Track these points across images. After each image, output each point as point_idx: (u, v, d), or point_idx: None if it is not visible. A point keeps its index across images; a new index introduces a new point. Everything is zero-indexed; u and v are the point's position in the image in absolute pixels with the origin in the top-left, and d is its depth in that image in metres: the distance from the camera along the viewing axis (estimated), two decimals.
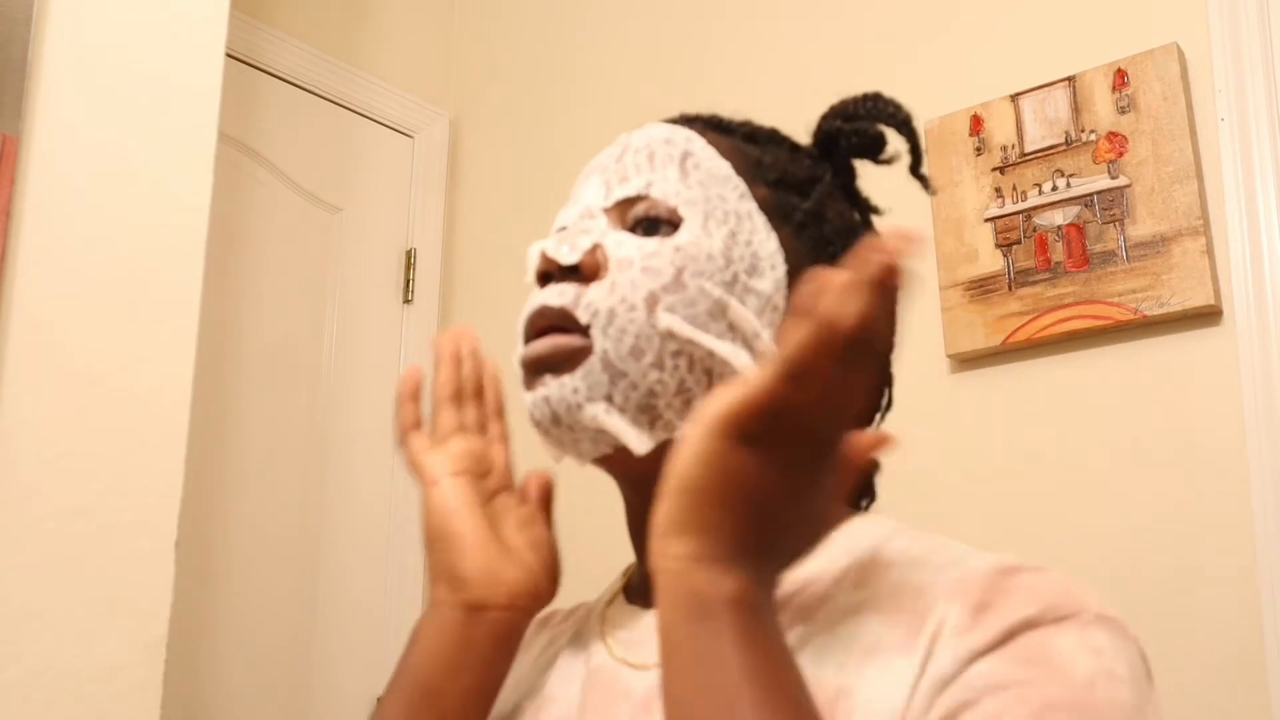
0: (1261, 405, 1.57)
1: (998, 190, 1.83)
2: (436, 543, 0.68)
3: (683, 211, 0.65)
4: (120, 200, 1.54)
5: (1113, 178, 1.74)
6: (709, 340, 0.63)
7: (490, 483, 0.71)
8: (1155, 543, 1.62)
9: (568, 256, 0.64)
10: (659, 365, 0.62)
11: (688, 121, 0.71)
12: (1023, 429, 1.77)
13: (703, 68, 2.26)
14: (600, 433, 0.63)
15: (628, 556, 0.74)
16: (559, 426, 0.64)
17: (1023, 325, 1.77)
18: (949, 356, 1.85)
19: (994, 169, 1.84)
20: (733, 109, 0.76)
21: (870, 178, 0.80)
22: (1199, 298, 1.63)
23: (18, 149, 1.45)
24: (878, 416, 0.74)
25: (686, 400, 0.63)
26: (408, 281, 2.52)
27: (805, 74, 2.09)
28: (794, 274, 0.67)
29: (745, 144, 0.70)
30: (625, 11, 2.46)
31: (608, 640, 0.68)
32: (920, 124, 2.03)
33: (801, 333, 0.48)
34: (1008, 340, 1.78)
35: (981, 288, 1.82)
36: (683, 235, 0.64)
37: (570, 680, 0.67)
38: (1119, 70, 1.76)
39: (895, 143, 0.73)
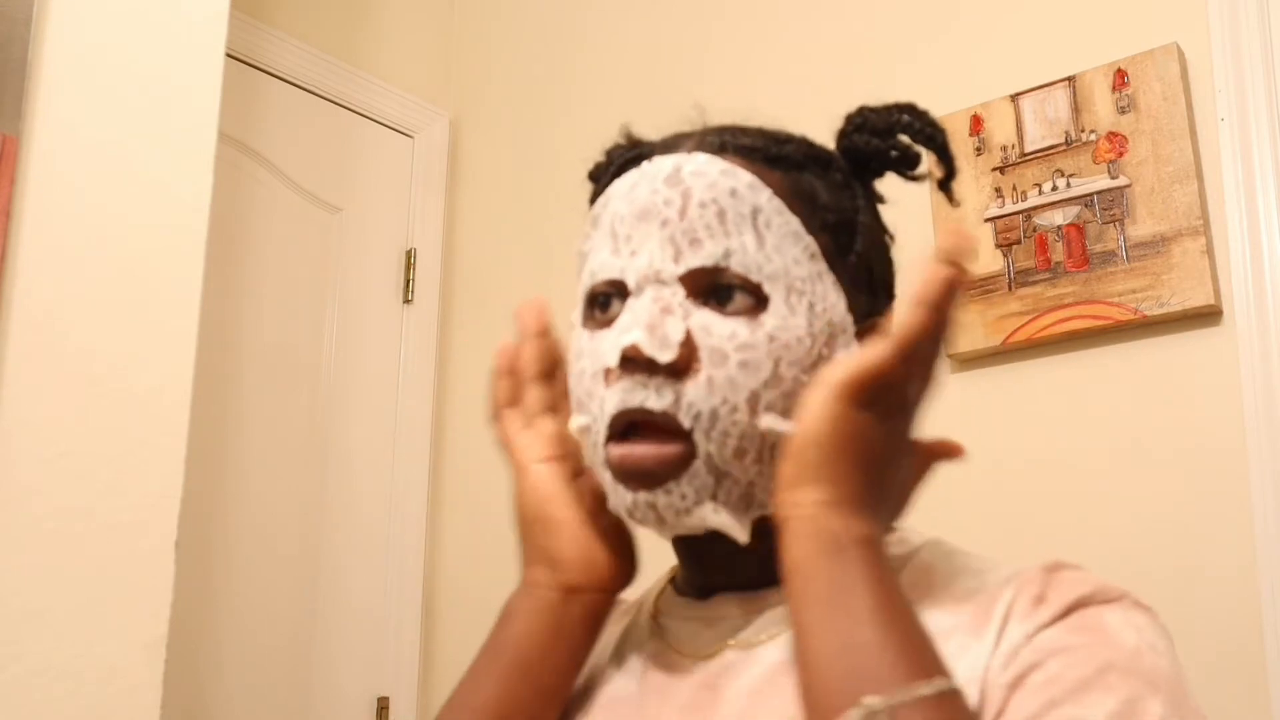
0: (1261, 405, 1.57)
1: (998, 190, 1.83)
2: (534, 525, 0.69)
3: (767, 288, 0.63)
4: (120, 200, 1.54)
5: (1113, 178, 1.74)
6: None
7: (573, 464, 0.70)
8: (1155, 543, 1.62)
9: (664, 354, 0.61)
10: (759, 460, 0.63)
11: (737, 150, 0.68)
12: (1023, 429, 1.77)
13: (703, 67, 2.26)
14: (703, 525, 0.64)
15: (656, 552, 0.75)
16: (663, 525, 0.64)
17: (1023, 325, 1.77)
18: (949, 356, 1.85)
19: (994, 169, 1.84)
20: (733, 109, 0.76)
21: None
22: (1199, 298, 1.63)
23: (18, 149, 1.45)
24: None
25: (772, 481, 0.63)
26: (408, 281, 2.52)
27: (805, 74, 2.09)
28: (855, 312, 0.68)
29: (797, 175, 0.68)
30: (625, 11, 2.46)
31: (664, 633, 0.71)
32: None
33: (915, 317, 0.58)
34: (1008, 340, 1.78)
35: (981, 288, 1.82)
36: (771, 319, 0.63)
37: (626, 672, 0.70)
38: (1119, 70, 1.76)
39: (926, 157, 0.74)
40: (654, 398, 0.61)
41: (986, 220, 1.83)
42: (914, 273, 0.59)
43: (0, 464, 1.39)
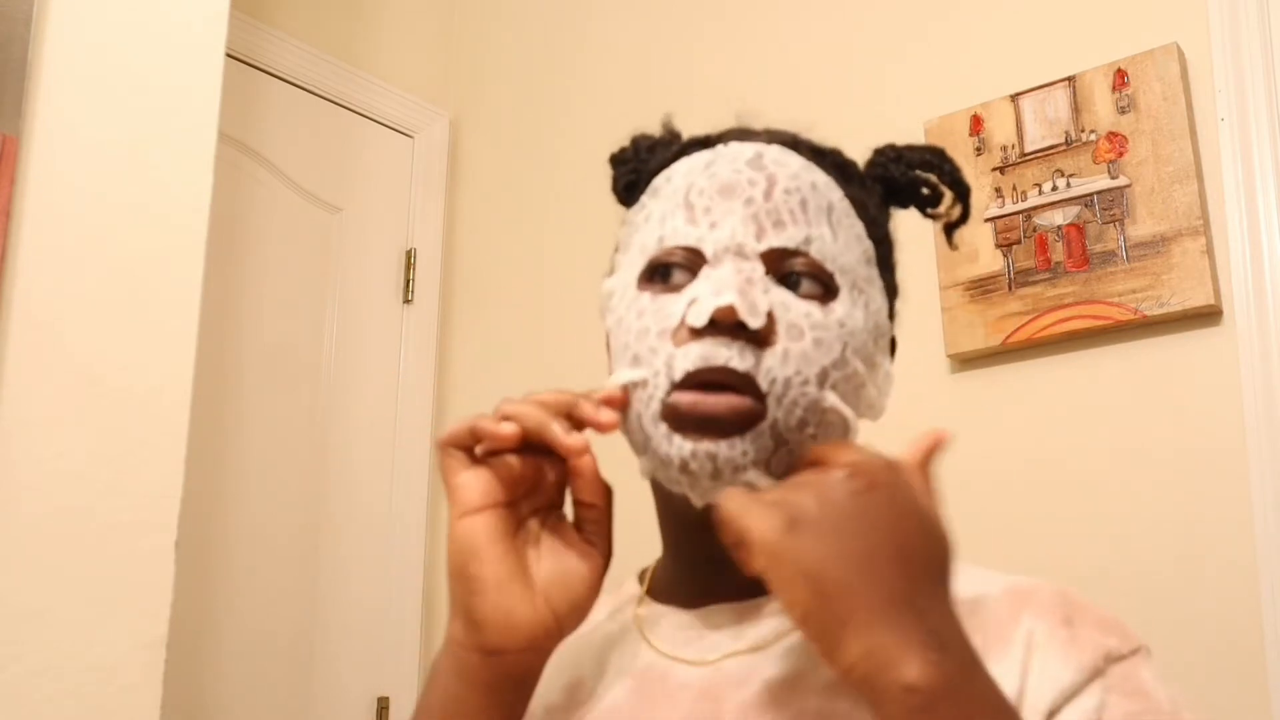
0: (1261, 405, 1.57)
1: (998, 190, 1.83)
2: (456, 581, 0.64)
3: (838, 279, 0.66)
4: (120, 200, 1.54)
5: (1113, 178, 1.74)
6: (853, 417, 0.66)
7: (533, 502, 0.65)
8: (1155, 543, 1.62)
9: (755, 320, 0.62)
10: (815, 435, 0.64)
11: (810, 151, 0.71)
12: (1023, 429, 1.77)
13: (702, 67, 2.26)
14: (749, 485, 0.63)
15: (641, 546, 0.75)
16: (714, 480, 0.63)
17: (1023, 325, 1.77)
18: (949, 356, 1.85)
19: (994, 169, 1.84)
20: (733, 109, 0.76)
21: None
22: (1199, 298, 1.63)
23: (18, 149, 1.45)
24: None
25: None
26: (408, 281, 2.52)
27: (805, 74, 2.09)
28: (891, 320, 0.72)
29: (853, 186, 0.71)
30: (624, 11, 2.46)
31: (653, 642, 0.70)
32: (920, 124, 2.04)
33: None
34: (1008, 340, 1.78)
35: (981, 288, 1.82)
36: (840, 307, 0.66)
37: (613, 683, 0.69)
38: (1119, 70, 1.76)
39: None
40: (738, 359, 0.62)
41: (986, 220, 1.83)
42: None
43: (0, 464, 1.39)
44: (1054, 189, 1.78)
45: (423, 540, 2.42)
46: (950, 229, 0.77)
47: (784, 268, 0.65)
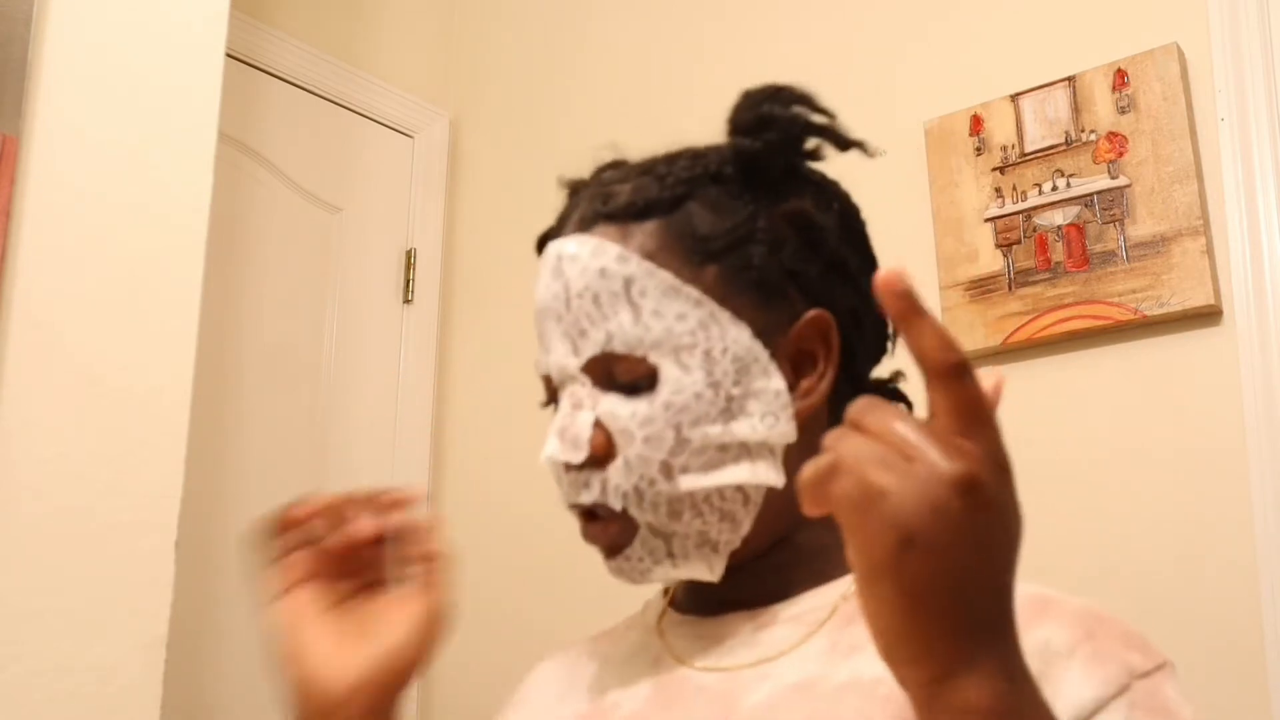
0: (1261, 405, 1.57)
1: (998, 190, 1.83)
2: (279, 663, 0.70)
3: (653, 359, 0.66)
4: (120, 200, 1.54)
5: (1113, 178, 1.74)
6: (730, 476, 0.66)
7: (357, 572, 0.70)
8: (1155, 543, 1.62)
9: (576, 457, 0.66)
10: (698, 514, 0.67)
11: (607, 217, 0.68)
12: (1023, 429, 1.77)
13: (701, 67, 2.26)
14: (670, 579, 0.70)
15: None
16: (636, 583, 0.70)
17: (1023, 325, 1.77)
18: None
19: (994, 169, 1.84)
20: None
21: (866, 179, 0.80)
22: (1199, 298, 1.63)
23: (18, 149, 1.45)
24: (889, 345, 0.76)
25: (732, 520, 0.67)
26: (408, 281, 2.52)
27: (805, 73, 2.08)
28: (772, 327, 0.68)
29: (672, 216, 0.68)
30: (624, 11, 2.46)
31: (672, 650, 0.71)
32: (920, 124, 2.04)
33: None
34: (1008, 340, 1.78)
35: (981, 288, 1.82)
36: (665, 387, 0.66)
37: (635, 690, 0.70)
38: (1119, 70, 1.76)
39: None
40: (585, 493, 0.67)
41: (986, 220, 1.83)
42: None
43: (0, 464, 1.39)
44: (1054, 189, 1.78)
45: None
46: (844, 148, 0.73)
47: (605, 371, 0.67)
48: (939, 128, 1.90)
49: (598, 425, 0.67)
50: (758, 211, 0.69)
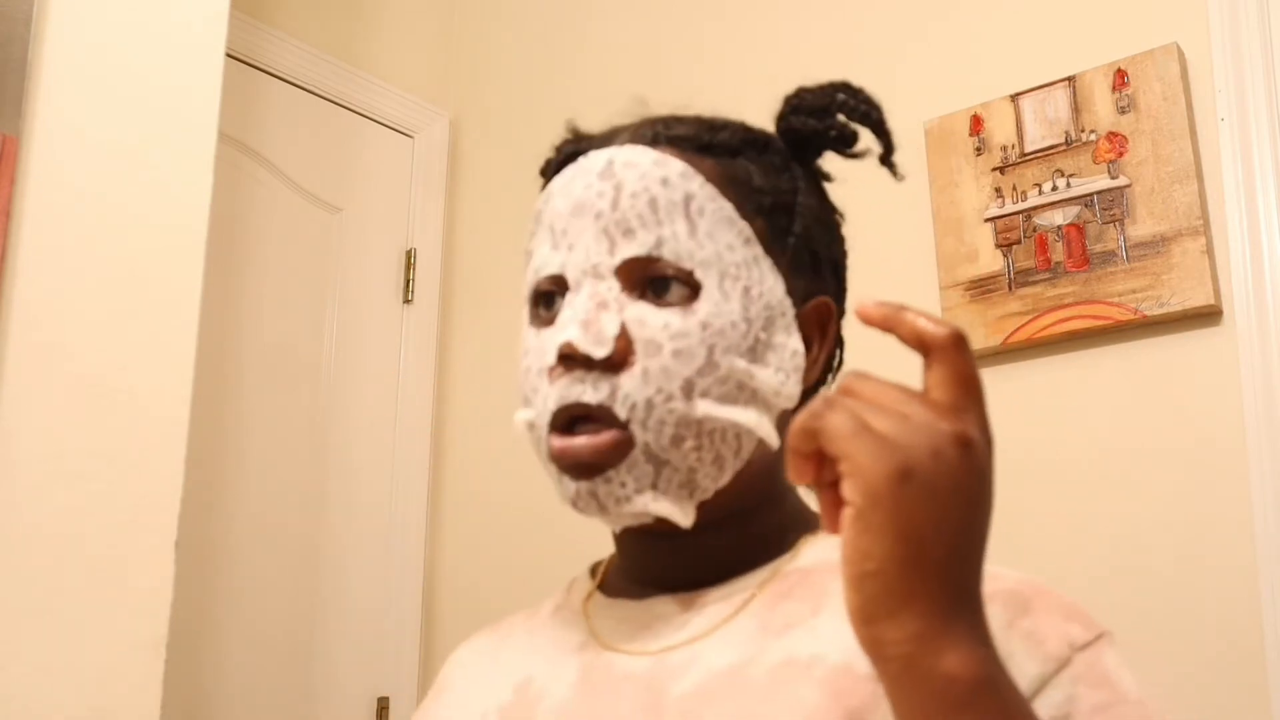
0: (1261, 405, 1.57)
1: (998, 190, 1.83)
2: None
3: (699, 275, 0.64)
4: (120, 200, 1.54)
5: (1113, 178, 1.74)
6: (740, 416, 0.64)
7: None
8: (1155, 543, 1.62)
9: (599, 350, 0.62)
10: (698, 447, 0.63)
11: (670, 140, 0.68)
12: (1023, 429, 1.77)
13: (701, 67, 2.26)
14: (645, 512, 0.64)
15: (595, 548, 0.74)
16: (605, 514, 0.64)
17: (1023, 325, 1.77)
18: None
19: (994, 169, 1.84)
20: (734, 109, 0.76)
21: (866, 179, 0.80)
22: (1199, 298, 1.63)
23: (18, 149, 1.45)
24: (830, 376, 0.75)
25: (720, 465, 0.65)
26: (408, 281, 2.52)
27: (805, 74, 2.08)
28: (796, 294, 0.69)
29: (731, 161, 0.69)
30: (625, 11, 2.46)
31: (597, 634, 0.69)
32: (920, 124, 2.04)
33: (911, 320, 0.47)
34: (1008, 340, 1.78)
35: (981, 288, 1.82)
36: (705, 306, 0.64)
37: (561, 674, 0.69)
38: (1119, 70, 1.76)
39: (865, 134, 0.74)
40: (590, 392, 0.62)
41: (986, 220, 1.83)
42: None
43: (0, 464, 1.39)
44: (1054, 189, 1.78)
45: (423, 540, 2.42)
46: (885, 160, 0.73)
47: (644, 276, 0.64)
48: (939, 128, 1.90)
49: (622, 328, 0.63)
50: (798, 187, 0.71)
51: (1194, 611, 1.57)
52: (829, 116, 0.72)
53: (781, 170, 0.70)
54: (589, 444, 0.62)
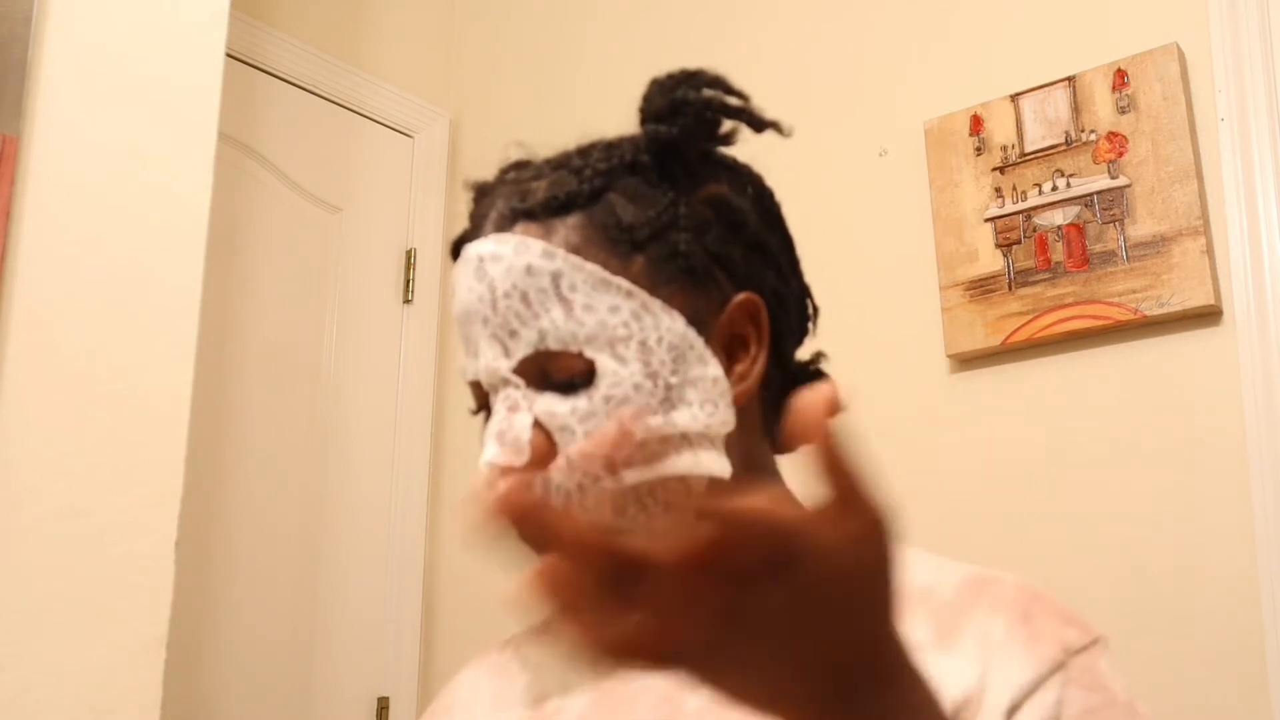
0: (1261, 405, 1.57)
1: (998, 190, 1.83)
2: None
3: (589, 353, 0.64)
4: (120, 200, 1.54)
5: (1113, 178, 1.73)
6: (674, 467, 0.64)
7: None
8: (1155, 543, 1.62)
9: (518, 460, 0.64)
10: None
11: (527, 215, 0.67)
12: (1023, 429, 1.77)
13: (702, 67, 2.26)
14: None
15: None
16: None
17: (1023, 325, 1.77)
18: (949, 356, 1.85)
19: (994, 169, 1.84)
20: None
21: (866, 179, 0.80)
22: (1199, 298, 1.63)
23: (18, 149, 1.45)
24: (809, 325, 0.75)
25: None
26: (408, 281, 2.52)
27: (806, 74, 2.09)
28: (704, 313, 0.67)
29: (594, 208, 0.67)
30: (625, 11, 2.46)
31: None
32: (920, 124, 2.04)
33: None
34: (1008, 340, 1.78)
35: (981, 288, 1.82)
36: (605, 380, 0.64)
37: (577, 693, 0.69)
38: (1119, 70, 1.76)
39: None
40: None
41: (986, 220, 1.83)
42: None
43: (0, 464, 1.39)
44: (1054, 189, 1.78)
45: (423, 540, 2.42)
46: (759, 129, 0.71)
47: (541, 370, 0.65)
48: (939, 128, 1.90)
49: (536, 426, 0.65)
50: (677, 198, 0.68)
51: (1194, 611, 1.57)
52: (679, 117, 0.70)
53: (655, 186, 0.69)
54: None
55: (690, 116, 0.69)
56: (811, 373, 0.77)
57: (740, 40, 2.24)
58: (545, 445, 0.64)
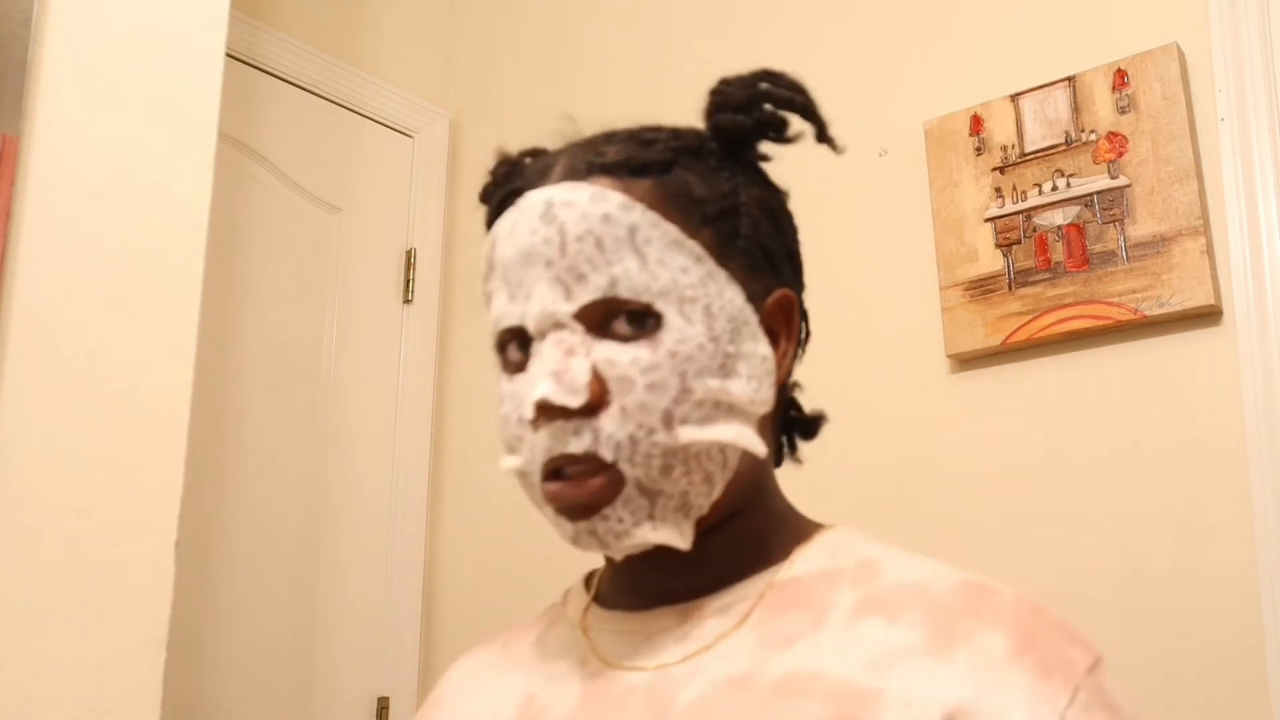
0: (1261, 405, 1.57)
1: (998, 190, 1.83)
2: None
3: (659, 306, 0.64)
4: (120, 200, 1.54)
5: (1113, 178, 1.74)
6: (722, 433, 0.65)
7: None
8: (1155, 543, 1.62)
9: (574, 400, 0.62)
10: (687, 472, 0.64)
11: (603, 169, 0.68)
12: (1023, 429, 1.77)
13: (702, 68, 2.25)
14: (645, 543, 0.65)
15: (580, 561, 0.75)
16: (606, 548, 0.65)
17: (1023, 325, 1.77)
18: (949, 356, 1.85)
19: (994, 169, 1.84)
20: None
21: (866, 179, 0.80)
22: (1199, 298, 1.63)
23: (18, 149, 1.45)
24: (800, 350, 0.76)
25: (710, 482, 0.66)
26: (408, 281, 2.52)
27: (807, 74, 2.08)
28: (756, 296, 0.69)
29: (667, 177, 0.68)
30: (625, 11, 2.46)
31: (598, 649, 0.70)
32: (920, 124, 2.04)
33: None
34: (1008, 340, 1.78)
35: (981, 288, 1.82)
36: (670, 335, 0.64)
37: (564, 693, 0.69)
38: (1119, 70, 1.76)
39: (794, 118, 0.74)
40: (574, 441, 0.63)
41: (986, 220, 1.83)
42: None
43: (0, 464, 1.39)
44: (1054, 189, 1.78)
45: (423, 540, 2.42)
46: (822, 138, 0.73)
47: (605, 315, 0.64)
48: (939, 128, 1.90)
49: (593, 371, 0.64)
50: (738, 185, 0.70)
51: (1194, 611, 1.57)
52: (755, 109, 0.71)
53: (719, 171, 0.70)
54: (578, 490, 0.64)
55: (766, 110, 0.71)
56: (789, 399, 0.78)
57: (740, 40, 2.24)
58: (599, 391, 0.63)
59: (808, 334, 0.76)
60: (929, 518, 1.81)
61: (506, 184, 0.74)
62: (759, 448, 0.66)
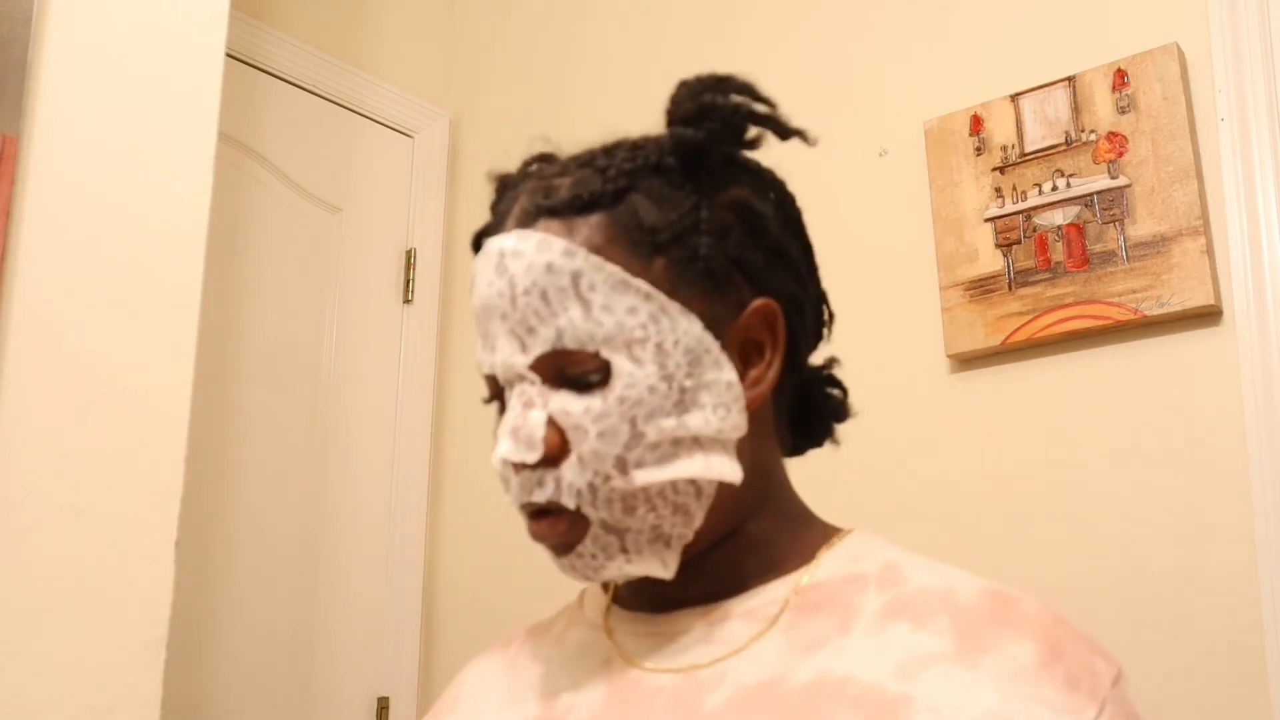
0: (1261, 405, 1.57)
1: (998, 190, 1.83)
2: None
3: (605, 354, 0.64)
4: (120, 200, 1.54)
5: (1113, 178, 1.74)
6: (683, 470, 0.65)
7: None
8: (1155, 543, 1.62)
9: (530, 456, 0.65)
10: (651, 508, 0.65)
11: (550, 212, 0.67)
12: (1023, 429, 1.77)
13: (702, 67, 2.26)
14: (624, 575, 0.68)
15: None
16: (589, 580, 0.68)
17: (1023, 325, 1.77)
18: (949, 356, 1.85)
19: (994, 169, 1.84)
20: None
21: (866, 179, 0.80)
22: (1199, 298, 1.63)
23: (18, 149, 1.45)
24: (825, 331, 0.76)
25: (685, 513, 0.66)
26: (408, 281, 2.52)
27: (805, 74, 2.09)
28: (721, 317, 0.68)
29: (618, 208, 0.67)
30: (625, 12, 2.46)
31: (622, 650, 0.70)
32: (920, 124, 2.04)
33: None
34: (1008, 340, 1.78)
35: (981, 288, 1.82)
36: (619, 381, 0.64)
37: (589, 693, 0.69)
38: (1119, 70, 1.76)
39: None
40: (538, 491, 0.66)
41: (986, 220, 1.83)
42: None
43: (0, 464, 1.39)
44: (1054, 189, 1.78)
45: (423, 540, 2.42)
46: (785, 137, 0.71)
47: (557, 367, 0.66)
48: (939, 128, 1.90)
49: (550, 423, 0.65)
50: (700, 202, 0.68)
51: (1194, 611, 1.57)
52: (705, 120, 0.69)
53: (678, 188, 0.68)
54: (550, 531, 0.67)
55: (717, 121, 0.69)
56: (825, 378, 0.78)
57: (740, 40, 2.24)
58: (558, 442, 0.65)
59: (830, 316, 0.76)
60: (929, 518, 1.81)
61: (497, 207, 0.75)
62: (730, 475, 0.66)
